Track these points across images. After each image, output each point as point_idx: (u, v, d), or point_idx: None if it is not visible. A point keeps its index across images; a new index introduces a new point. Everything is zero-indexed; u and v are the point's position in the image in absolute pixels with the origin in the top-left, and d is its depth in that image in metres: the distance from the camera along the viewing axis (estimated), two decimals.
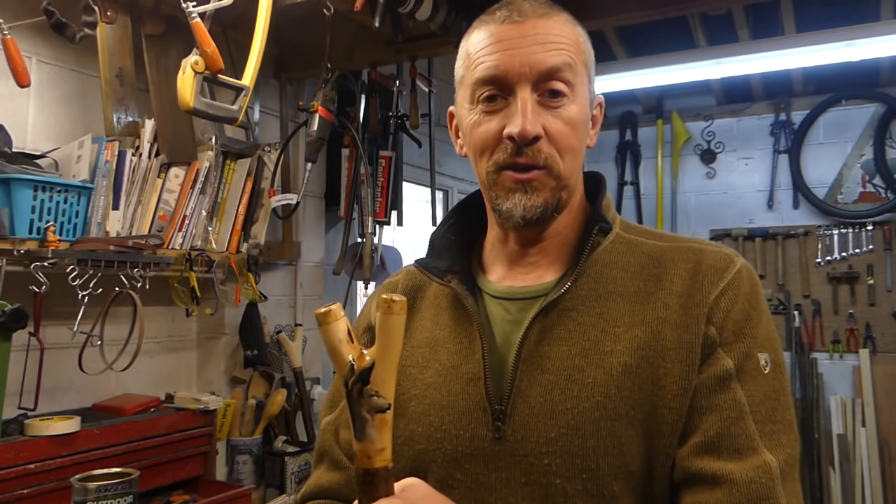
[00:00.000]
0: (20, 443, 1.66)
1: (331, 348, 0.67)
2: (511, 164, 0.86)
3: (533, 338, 0.85)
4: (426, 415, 0.88)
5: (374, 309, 0.98)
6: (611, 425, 0.79)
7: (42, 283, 1.72)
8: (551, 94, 0.85)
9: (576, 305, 0.86)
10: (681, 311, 0.83)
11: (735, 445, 0.78)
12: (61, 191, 1.78)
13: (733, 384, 0.80)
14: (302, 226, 2.78)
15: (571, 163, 0.87)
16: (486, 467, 0.83)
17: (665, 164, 4.59)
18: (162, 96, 2.07)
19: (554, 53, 0.85)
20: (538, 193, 0.86)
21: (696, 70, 3.42)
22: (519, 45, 0.85)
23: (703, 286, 0.84)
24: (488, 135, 0.87)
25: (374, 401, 0.65)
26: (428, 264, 0.95)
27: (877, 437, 3.89)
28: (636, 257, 0.89)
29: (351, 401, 0.65)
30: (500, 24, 0.87)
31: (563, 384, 0.82)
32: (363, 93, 2.86)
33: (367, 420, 0.65)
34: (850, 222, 4.10)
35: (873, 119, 4.08)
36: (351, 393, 0.65)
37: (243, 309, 2.51)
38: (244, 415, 2.49)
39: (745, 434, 0.78)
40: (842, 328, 4.09)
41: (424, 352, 0.92)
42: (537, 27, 0.86)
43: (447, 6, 2.10)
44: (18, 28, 1.70)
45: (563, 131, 0.86)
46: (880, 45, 2.95)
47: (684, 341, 0.81)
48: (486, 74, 0.86)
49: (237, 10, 1.62)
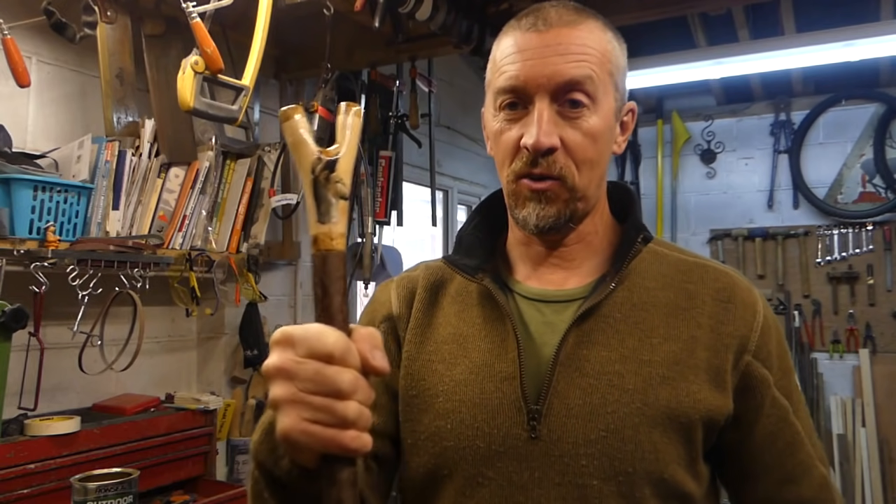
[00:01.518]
0: (20, 443, 1.66)
1: (296, 140, 0.68)
2: (527, 174, 0.87)
3: (571, 341, 0.86)
4: (456, 412, 0.88)
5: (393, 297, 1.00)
6: (648, 432, 0.82)
7: (42, 283, 1.72)
8: (571, 104, 0.85)
9: (612, 312, 0.88)
10: (711, 333, 0.87)
11: (803, 470, 0.90)
12: (61, 191, 1.78)
13: (791, 418, 0.90)
14: (302, 226, 2.78)
15: (588, 174, 0.88)
16: (520, 466, 0.84)
17: (665, 164, 4.59)
18: (162, 96, 2.07)
19: (574, 65, 0.85)
20: (551, 204, 0.87)
21: (695, 70, 3.42)
22: (540, 56, 0.85)
23: (735, 318, 0.89)
24: (508, 143, 0.88)
25: (339, 187, 0.68)
26: (458, 261, 0.96)
27: (877, 437, 3.89)
28: (665, 268, 0.92)
29: (318, 186, 0.68)
30: (525, 33, 0.87)
31: (603, 388, 0.84)
32: (363, 93, 2.86)
33: (332, 203, 0.68)
34: (850, 222, 4.10)
35: (873, 119, 4.08)
36: (318, 178, 0.68)
37: (243, 309, 2.51)
38: (244, 415, 2.49)
39: (808, 457, 0.90)
40: (842, 328, 4.09)
41: (451, 348, 0.92)
42: (560, 37, 0.85)
43: (447, 6, 2.10)
44: (18, 28, 1.70)
45: (582, 143, 0.86)
46: (880, 45, 2.95)
47: (713, 365, 0.86)
48: (506, 84, 0.87)
49: (237, 10, 1.62)
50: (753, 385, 0.87)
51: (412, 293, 0.99)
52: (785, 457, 0.89)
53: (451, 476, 0.87)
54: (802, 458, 0.89)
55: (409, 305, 0.97)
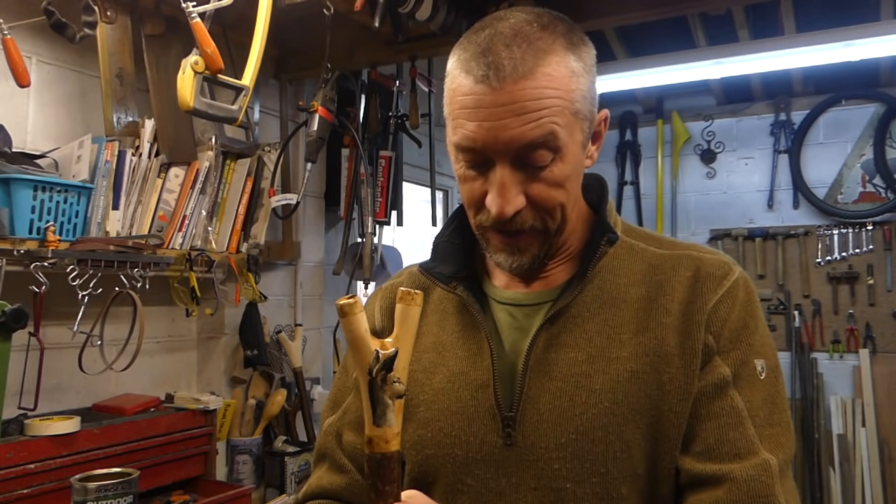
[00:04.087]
0: (20, 443, 1.66)
1: (355, 338, 0.69)
2: (496, 229, 0.85)
3: (540, 345, 0.86)
4: (435, 420, 0.89)
5: (376, 310, 1.01)
6: (619, 430, 0.81)
7: (42, 283, 1.72)
8: (533, 161, 0.80)
9: (581, 312, 0.87)
10: (682, 317, 0.85)
11: (735, 449, 0.80)
12: (61, 191, 1.78)
13: (731, 391, 0.83)
14: (302, 226, 2.78)
15: (560, 214, 0.85)
16: (497, 473, 0.85)
17: (665, 164, 4.59)
18: (162, 96, 2.07)
19: (533, 125, 0.78)
20: (525, 252, 0.86)
21: (695, 70, 3.41)
22: (495, 117, 0.78)
23: (702, 293, 0.86)
24: (472, 195, 0.85)
25: (397, 387, 0.69)
26: (432, 269, 0.95)
27: (877, 437, 3.89)
28: (638, 264, 0.90)
29: (374, 388, 0.68)
30: (477, 84, 0.78)
31: (571, 391, 0.83)
32: (363, 93, 2.86)
33: (388, 406, 0.68)
34: (850, 222, 4.10)
35: (873, 119, 4.08)
36: (375, 380, 0.68)
37: (243, 309, 2.51)
38: (244, 415, 2.49)
39: (744, 438, 0.81)
40: (842, 328, 4.09)
41: (431, 357, 0.93)
42: (515, 94, 0.77)
43: (447, 6, 2.10)
44: (18, 28, 1.70)
45: (549, 194, 0.82)
46: (880, 45, 2.94)
47: (686, 347, 0.83)
48: (465, 144, 0.81)
49: (237, 10, 1.62)
50: (704, 353, 0.83)
51: (394, 304, 0.97)
52: (708, 430, 0.81)
53: (434, 483, 0.88)
54: (734, 437, 0.80)
55: (392, 317, 0.95)
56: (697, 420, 0.82)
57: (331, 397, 1.04)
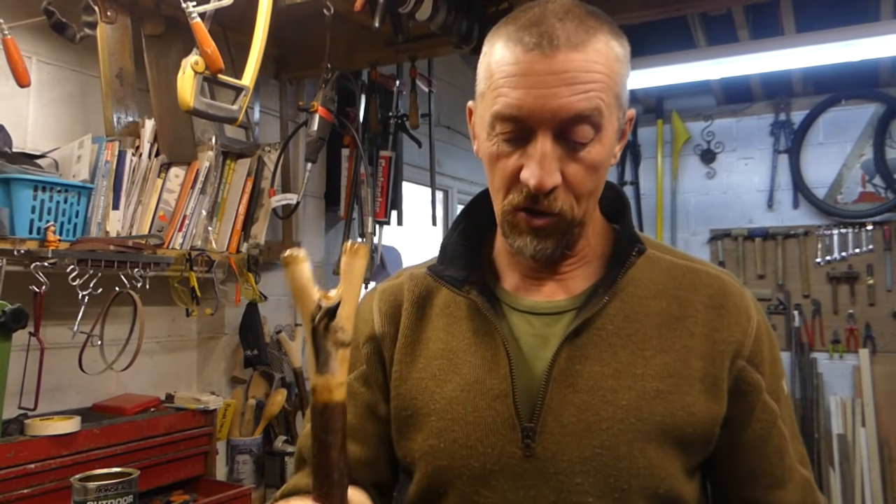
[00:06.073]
0: (20, 443, 1.66)
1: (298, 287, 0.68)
2: (526, 208, 0.83)
3: (564, 356, 0.84)
4: (449, 430, 0.86)
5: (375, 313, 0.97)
6: (643, 448, 0.81)
7: (42, 283, 1.72)
8: (575, 138, 0.80)
9: (605, 325, 0.86)
10: (706, 342, 0.85)
11: (789, 474, 0.89)
12: (61, 191, 1.78)
13: (780, 423, 0.89)
14: (302, 226, 2.78)
15: (587, 203, 0.85)
16: (515, 485, 0.83)
17: (665, 164, 4.59)
18: (162, 96, 2.07)
19: (582, 97, 0.78)
20: (549, 238, 0.84)
21: (695, 70, 3.42)
22: (545, 85, 0.77)
23: (730, 325, 0.87)
24: (506, 172, 0.83)
25: (340, 335, 0.67)
26: (443, 273, 0.92)
27: (877, 437, 3.89)
28: (658, 275, 0.89)
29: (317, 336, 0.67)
30: (528, 52, 0.78)
31: (597, 405, 0.82)
32: (363, 93, 2.86)
33: (331, 354, 0.66)
34: (850, 222, 4.10)
35: (873, 119, 4.08)
36: (317, 328, 0.67)
37: (243, 309, 2.51)
38: (244, 415, 2.49)
39: (792, 460, 0.90)
40: (842, 328, 4.09)
41: (441, 364, 0.90)
42: (567, 63, 0.77)
43: (447, 6, 2.10)
44: (18, 28, 1.70)
45: (584, 177, 0.82)
46: (880, 45, 2.95)
47: (709, 373, 0.84)
48: (506, 112, 0.79)
49: (237, 10, 1.62)
50: (746, 390, 0.86)
51: (397, 308, 0.96)
52: (773, 461, 0.88)
53: (446, 495, 0.86)
54: (789, 463, 0.89)
55: (395, 322, 0.95)
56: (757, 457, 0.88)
57: None
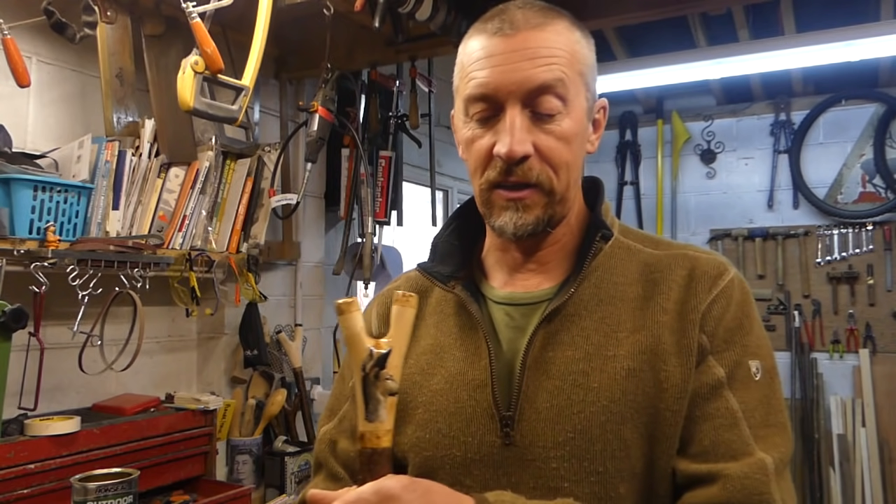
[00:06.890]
0: (20, 443, 1.66)
1: (351, 335, 0.71)
2: (502, 183, 0.86)
3: (537, 344, 0.86)
4: (433, 421, 0.89)
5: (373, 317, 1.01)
6: (616, 428, 0.81)
7: (42, 283, 1.72)
8: (543, 109, 0.84)
9: (578, 311, 0.87)
10: (677, 316, 0.85)
11: (730, 450, 0.80)
12: (61, 191, 1.78)
13: (725, 392, 0.83)
14: (302, 226, 2.78)
15: (566, 177, 0.87)
16: (496, 473, 0.85)
17: (665, 164, 4.59)
18: (162, 96, 2.07)
19: (544, 69, 0.83)
20: (529, 211, 0.86)
21: (695, 70, 3.42)
22: (508, 61, 0.84)
23: (697, 293, 0.86)
24: (480, 151, 0.87)
25: (389, 384, 0.70)
26: (431, 269, 0.96)
27: (877, 437, 3.89)
28: (634, 264, 0.91)
29: (367, 384, 0.70)
30: (492, 37, 0.86)
31: (568, 389, 0.83)
32: (363, 93, 2.85)
33: (380, 402, 0.70)
34: (850, 222, 4.10)
35: (873, 119, 4.08)
36: (368, 376, 0.70)
37: (243, 309, 2.51)
38: (244, 415, 2.49)
39: (739, 439, 0.81)
40: (842, 328, 4.09)
41: (429, 358, 0.93)
42: (528, 41, 0.84)
43: (447, 6, 2.10)
44: (18, 28, 1.70)
45: (556, 147, 0.85)
46: (880, 45, 2.95)
47: (682, 346, 0.84)
48: (476, 91, 0.86)
49: (237, 10, 1.62)
50: (698, 353, 0.83)
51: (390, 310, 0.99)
52: (703, 431, 0.81)
53: None
54: (728, 438, 0.80)
55: (387, 323, 0.96)
56: (692, 421, 0.82)
57: (328, 405, 1.05)
